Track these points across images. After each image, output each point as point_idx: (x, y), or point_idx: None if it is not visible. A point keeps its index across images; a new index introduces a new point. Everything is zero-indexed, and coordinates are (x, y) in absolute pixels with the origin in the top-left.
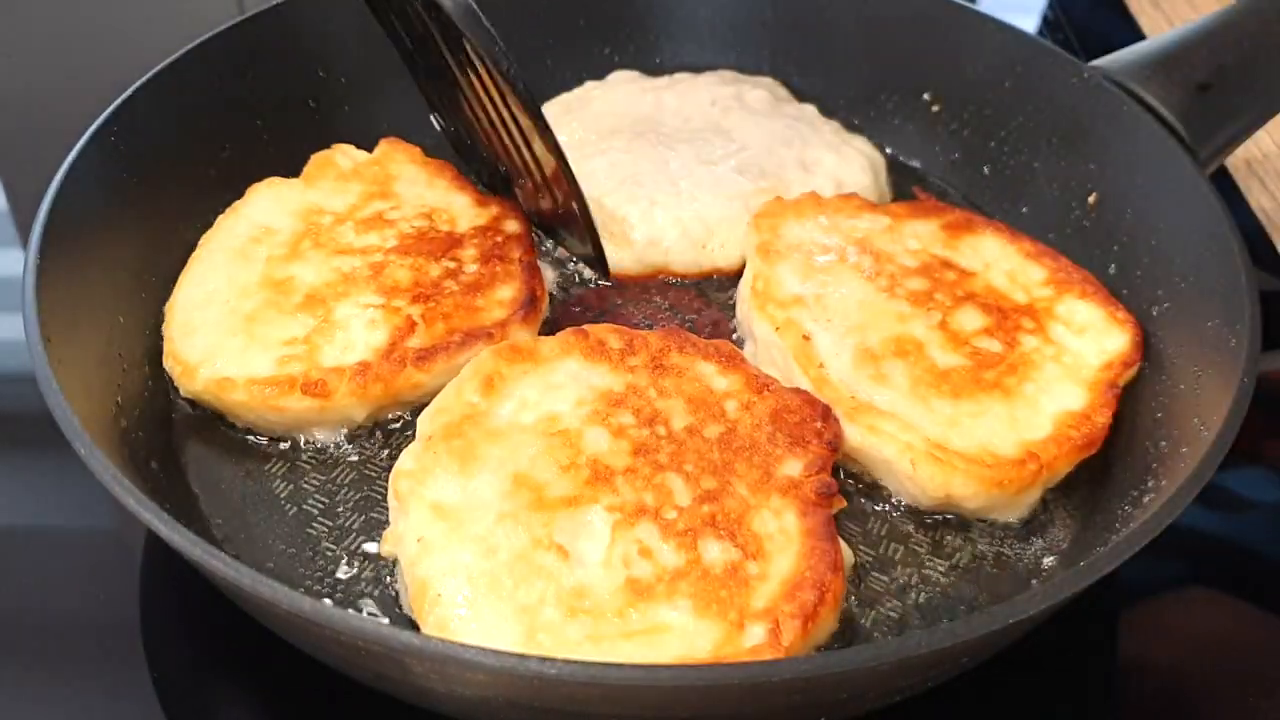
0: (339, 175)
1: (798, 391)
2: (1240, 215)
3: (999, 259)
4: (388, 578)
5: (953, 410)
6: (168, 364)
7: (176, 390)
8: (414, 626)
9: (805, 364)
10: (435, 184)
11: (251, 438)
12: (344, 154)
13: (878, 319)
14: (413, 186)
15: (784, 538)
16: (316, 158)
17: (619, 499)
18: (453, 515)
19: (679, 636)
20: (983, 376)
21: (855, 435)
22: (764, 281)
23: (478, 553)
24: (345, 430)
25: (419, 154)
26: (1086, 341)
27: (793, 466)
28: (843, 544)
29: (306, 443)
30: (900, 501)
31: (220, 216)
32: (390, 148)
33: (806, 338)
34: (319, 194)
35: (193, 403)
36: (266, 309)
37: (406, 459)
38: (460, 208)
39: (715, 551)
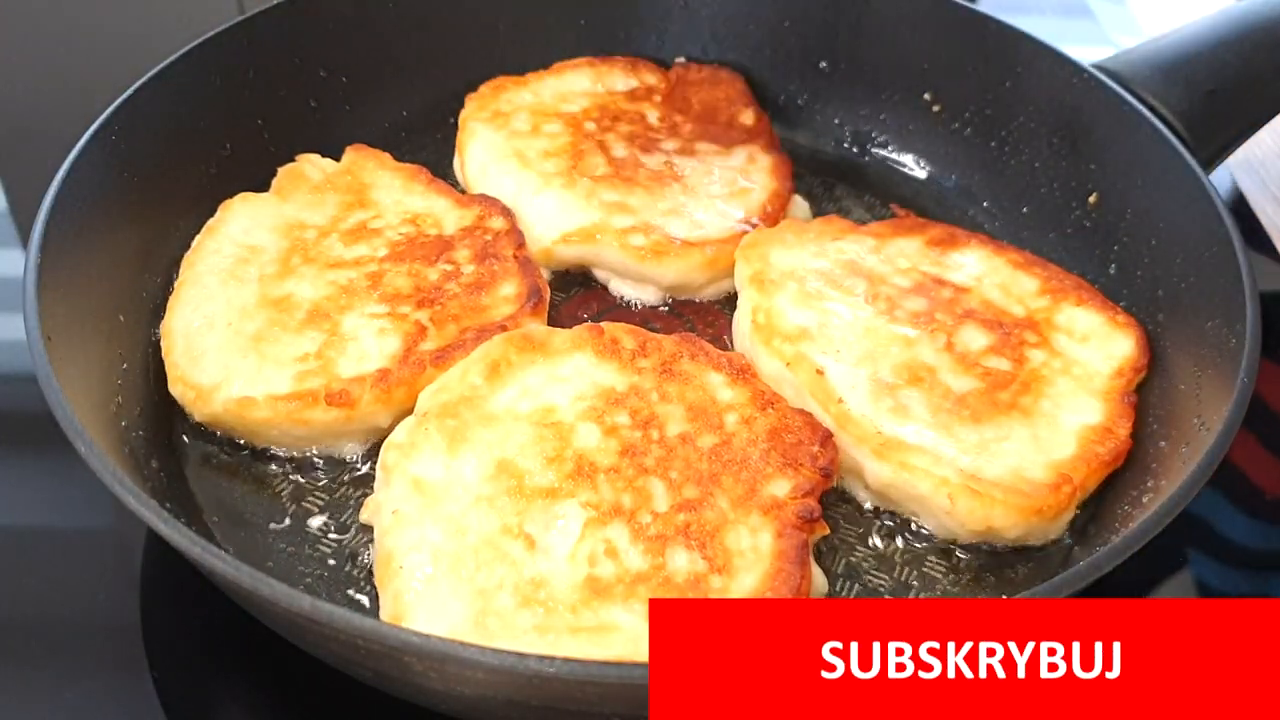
0: (312, 187)
1: (801, 412)
2: (1240, 215)
3: (988, 272)
4: None
5: (978, 436)
6: (177, 390)
7: (188, 417)
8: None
9: (824, 400)
10: (411, 189)
11: None
12: (312, 164)
13: (885, 346)
14: (389, 193)
15: (755, 556)
16: (284, 171)
17: (597, 496)
18: (431, 492)
19: (626, 638)
20: (998, 397)
21: (886, 473)
22: (765, 314)
23: (447, 532)
24: (370, 442)
25: (389, 160)
26: (1092, 350)
27: (780, 486)
28: (817, 570)
29: None
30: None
31: (199, 236)
32: (358, 155)
33: (820, 372)
34: (295, 208)
35: (202, 428)
36: (271, 328)
37: (400, 431)
38: (442, 210)
39: (682, 560)
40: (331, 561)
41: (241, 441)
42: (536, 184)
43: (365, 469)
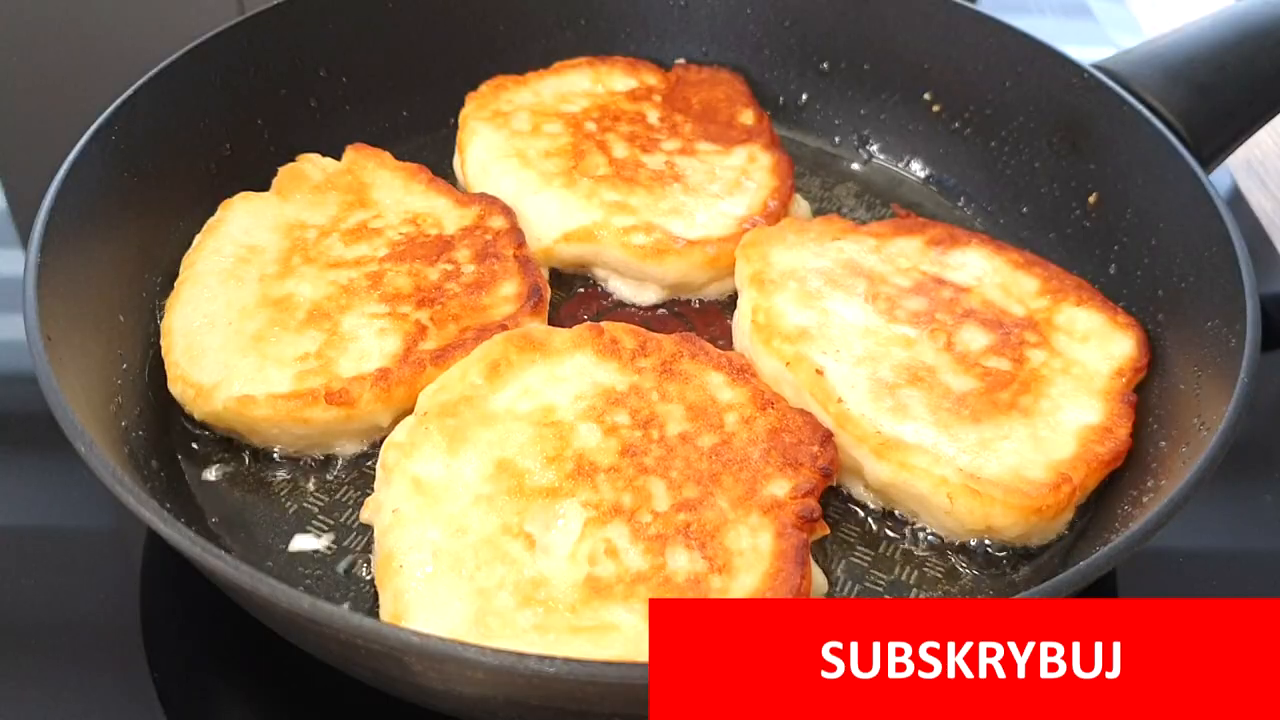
0: (313, 187)
1: (801, 412)
2: (1240, 215)
3: (989, 272)
4: None
5: (978, 436)
6: (177, 389)
7: (188, 417)
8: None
9: (824, 400)
10: (412, 188)
11: None
12: (313, 164)
13: (885, 346)
14: (390, 193)
15: (755, 556)
16: (285, 170)
17: (597, 496)
18: (431, 491)
19: (626, 638)
20: (998, 397)
21: (885, 472)
22: (765, 314)
23: (447, 531)
24: (370, 442)
25: (390, 159)
26: (1092, 350)
27: (780, 486)
28: (817, 570)
29: None
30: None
31: (199, 235)
32: (359, 155)
33: (820, 372)
34: (296, 207)
35: (202, 426)
36: (272, 327)
37: (400, 431)
38: (443, 210)
39: (682, 560)
40: (331, 562)
41: (241, 441)
42: (537, 183)
43: (365, 469)
